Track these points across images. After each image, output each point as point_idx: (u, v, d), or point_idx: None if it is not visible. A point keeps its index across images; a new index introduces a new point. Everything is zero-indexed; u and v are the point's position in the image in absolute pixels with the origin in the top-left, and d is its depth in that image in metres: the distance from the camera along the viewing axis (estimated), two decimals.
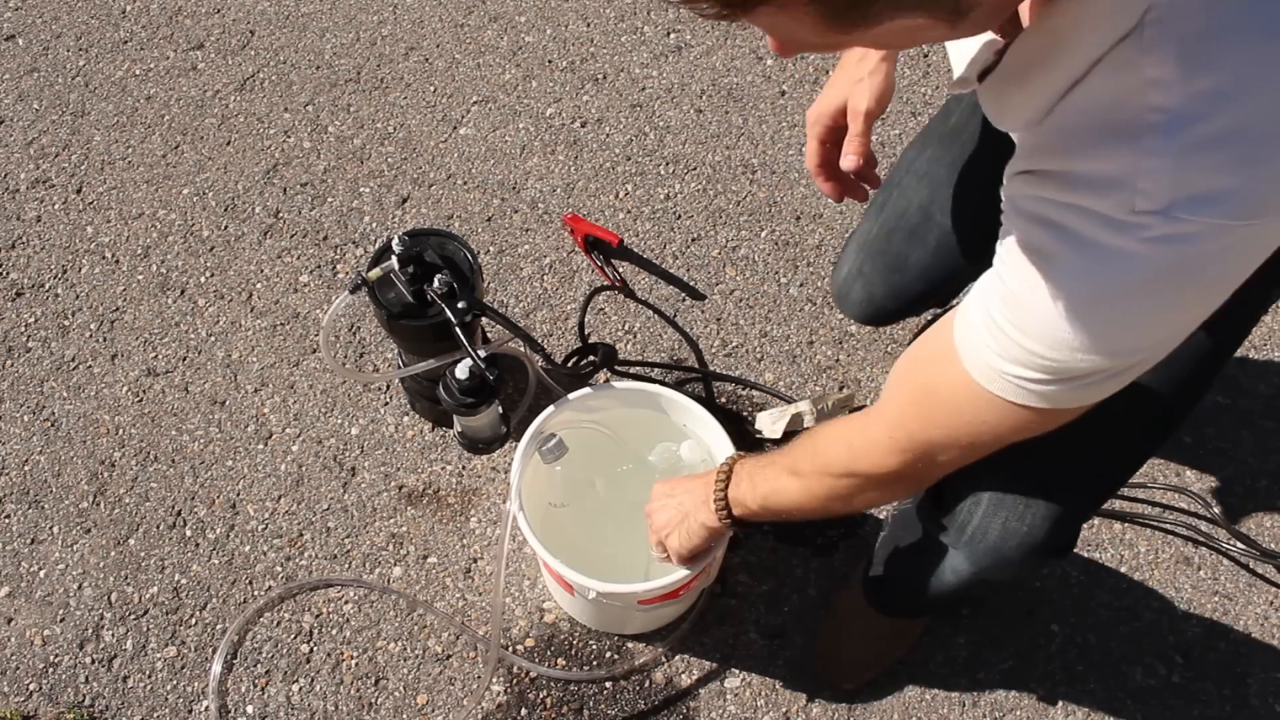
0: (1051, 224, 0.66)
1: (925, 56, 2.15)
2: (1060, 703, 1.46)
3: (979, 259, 1.14)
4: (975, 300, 0.76)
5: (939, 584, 1.17)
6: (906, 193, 1.37)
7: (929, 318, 1.68)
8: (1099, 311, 0.67)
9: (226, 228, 1.90)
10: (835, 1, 0.55)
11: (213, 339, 1.77)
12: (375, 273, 1.42)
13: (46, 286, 1.84)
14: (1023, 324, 0.70)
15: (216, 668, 1.46)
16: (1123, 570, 1.55)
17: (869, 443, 0.91)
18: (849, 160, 1.12)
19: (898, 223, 1.39)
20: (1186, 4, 0.57)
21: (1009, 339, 0.72)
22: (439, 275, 1.40)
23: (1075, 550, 1.55)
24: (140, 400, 1.71)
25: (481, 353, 1.42)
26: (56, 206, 1.94)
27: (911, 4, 0.58)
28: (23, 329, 1.79)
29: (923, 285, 1.39)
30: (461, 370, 1.42)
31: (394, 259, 1.40)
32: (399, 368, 1.59)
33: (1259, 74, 0.58)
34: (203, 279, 1.84)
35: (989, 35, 0.75)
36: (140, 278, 1.85)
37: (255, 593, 1.54)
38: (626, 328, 1.77)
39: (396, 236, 1.41)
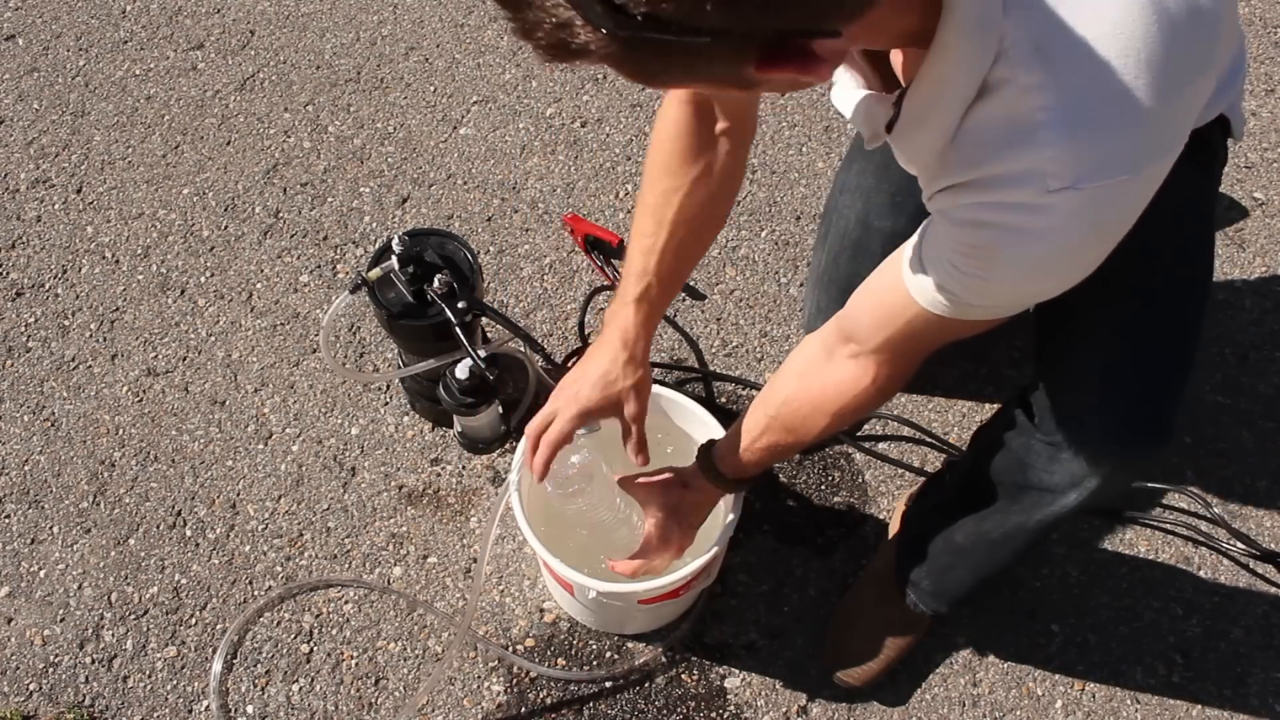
0: (984, 224, 0.78)
1: None
2: (1060, 703, 1.46)
3: None
4: (930, 276, 0.86)
5: (1038, 521, 1.15)
6: (843, 212, 1.43)
7: None
8: (1042, 277, 0.81)
9: (226, 228, 1.90)
10: (627, 70, 0.61)
11: (213, 339, 1.77)
12: (375, 273, 1.42)
13: (46, 286, 1.84)
14: (982, 297, 0.84)
15: (216, 668, 1.46)
16: (1123, 570, 1.55)
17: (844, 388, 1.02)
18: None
19: (841, 244, 1.44)
20: (1029, 23, 0.69)
21: (969, 304, 0.85)
22: (439, 275, 1.40)
23: (1075, 550, 1.56)
24: (140, 400, 1.71)
25: (481, 353, 1.42)
26: (56, 206, 1.94)
27: (702, 78, 0.64)
28: (23, 329, 1.79)
29: None
30: (461, 370, 1.42)
31: (394, 259, 1.40)
32: (399, 368, 1.59)
33: (1107, 54, 0.69)
34: (203, 279, 1.84)
35: (867, 91, 0.88)
36: (140, 278, 1.85)
37: (255, 593, 1.54)
38: None
39: (396, 236, 1.41)
